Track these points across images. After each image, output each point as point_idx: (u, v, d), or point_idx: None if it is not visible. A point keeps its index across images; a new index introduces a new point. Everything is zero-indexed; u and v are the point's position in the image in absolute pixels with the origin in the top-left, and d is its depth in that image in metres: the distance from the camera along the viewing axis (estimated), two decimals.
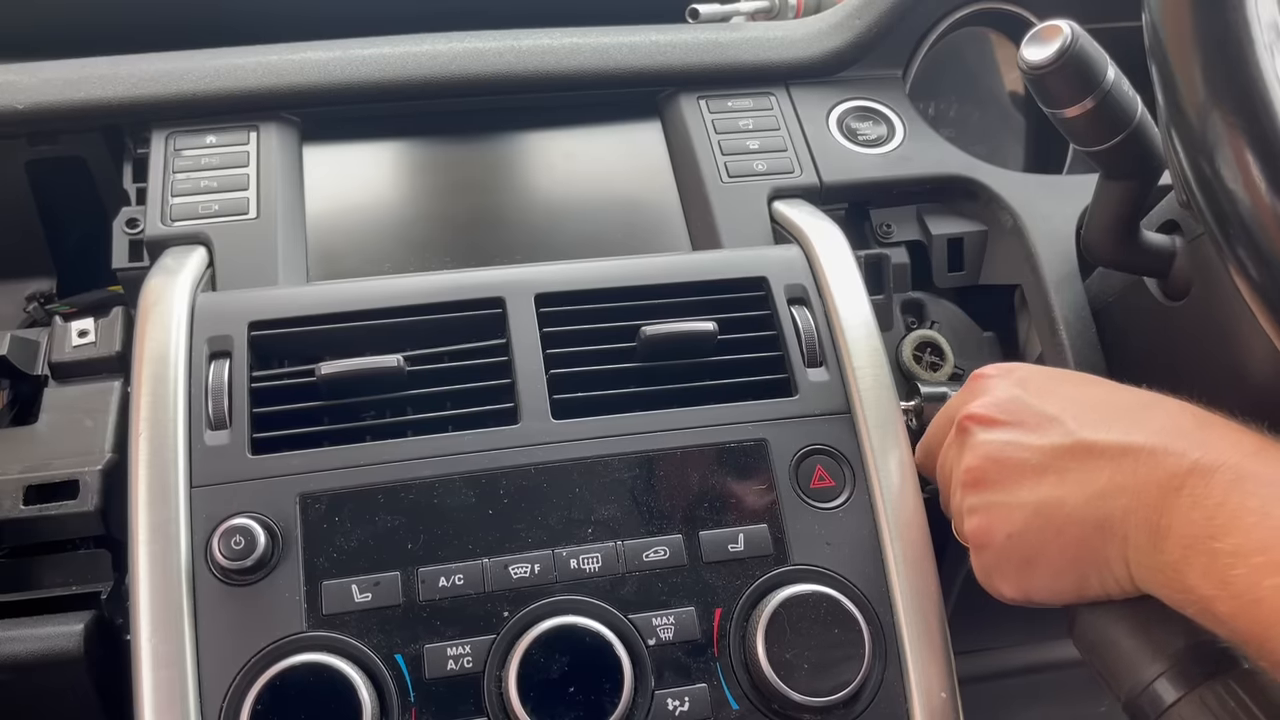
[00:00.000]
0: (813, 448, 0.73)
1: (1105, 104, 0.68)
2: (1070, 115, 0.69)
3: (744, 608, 0.67)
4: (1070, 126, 0.71)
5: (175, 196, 0.85)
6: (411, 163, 0.94)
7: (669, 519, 0.69)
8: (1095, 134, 0.70)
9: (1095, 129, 0.70)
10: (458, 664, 0.64)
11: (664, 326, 0.74)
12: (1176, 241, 0.77)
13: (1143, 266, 0.79)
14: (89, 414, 0.79)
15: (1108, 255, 0.79)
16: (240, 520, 0.65)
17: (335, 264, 0.86)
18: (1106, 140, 0.70)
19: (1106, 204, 0.76)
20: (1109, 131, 0.70)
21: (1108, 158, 0.72)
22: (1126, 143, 0.70)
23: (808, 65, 1.00)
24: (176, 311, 0.73)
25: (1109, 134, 0.70)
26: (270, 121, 0.90)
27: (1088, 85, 0.67)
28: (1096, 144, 0.71)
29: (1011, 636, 1.02)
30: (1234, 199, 0.51)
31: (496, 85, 0.94)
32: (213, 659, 0.62)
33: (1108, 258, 0.79)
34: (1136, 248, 0.77)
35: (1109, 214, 0.76)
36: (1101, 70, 0.67)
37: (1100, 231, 0.77)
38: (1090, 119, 0.69)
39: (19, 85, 0.89)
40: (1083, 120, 0.69)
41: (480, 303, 0.76)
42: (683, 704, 0.65)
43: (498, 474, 0.69)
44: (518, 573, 0.66)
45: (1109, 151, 0.71)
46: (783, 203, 0.90)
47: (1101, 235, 0.77)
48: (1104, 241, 0.77)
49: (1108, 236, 0.77)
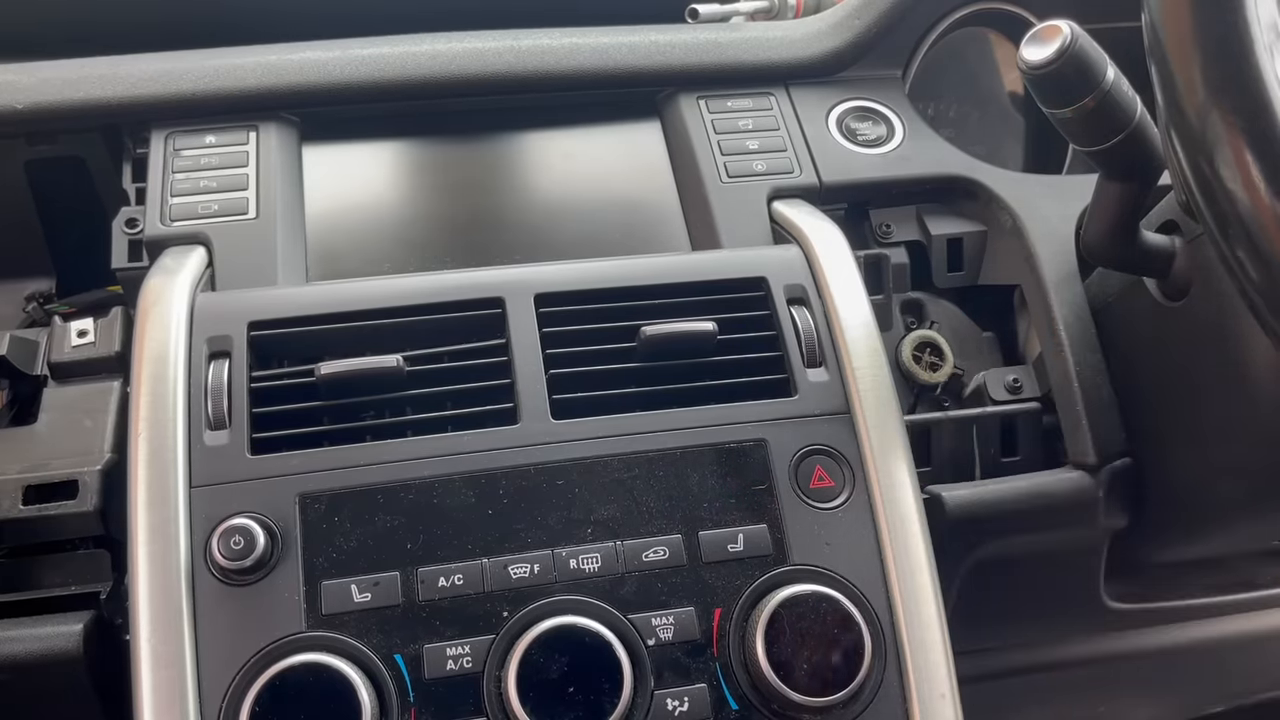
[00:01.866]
0: (812, 448, 0.73)
1: (1105, 104, 0.68)
2: (1069, 115, 0.69)
3: (743, 608, 0.67)
4: (1069, 126, 0.71)
5: (174, 196, 0.85)
6: (411, 163, 0.94)
7: (668, 519, 0.69)
8: (1094, 134, 0.70)
9: (1094, 129, 0.70)
10: (457, 664, 0.64)
11: (664, 326, 0.74)
12: (1176, 242, 0.77)
13: (1142, 267, 0.79)
14: (88, 414, 0.79)
15: (1107, 255, 0.79)
16: (240, 520, 0.65)
17: (335, 264, 0.86)
18: (1106, 140, 0.70)
19: (1106, 204, 0.76)
20: (1108, 131, 0.70)
21: (1107, 158, 0.72)
22: (1126, 143, 0.70)
23: (807, 65, 1.00)
24: (176, 311, 0.73)
25: (1108, 134, 0.70)
26: (270, 121, 0.90)
27: (1087, 85, 0.67)
28: (1096, 144, 0.71)
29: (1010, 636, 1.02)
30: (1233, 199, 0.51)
31: (496, 85, 0.94)
32: (212, 659, 0.62)
33: (1107, 258, 0.79)
34: (1136, 248, 0.77)
35: (1108, 214, 0.76)
36: (1101, 70, 0.67)
37: (1100, 232, 0.77)
38: (1090, 119, 0.69)
39: (18, 85, 0.89)
40: (1082, 120, 0.69)
41: (480, 303, 0.76)
42: (682, 704, 0.65)
43: (497, 474, 0.69)
44: (517, 573, 0.66)
45: (1108, 151, 0.71)
46: (782, 203, 0.90)
47: (1101, 235, 0.77)
48: (1103, 242, 0.77)
49: (1107, 237, 0.77)
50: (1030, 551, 0.89)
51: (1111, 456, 0.85)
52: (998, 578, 0.91)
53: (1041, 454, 0.91)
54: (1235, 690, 1.26)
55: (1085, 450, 0.85)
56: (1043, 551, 0.90)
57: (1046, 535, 0.88)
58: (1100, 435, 0.85)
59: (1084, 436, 0.85)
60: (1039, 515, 0.86)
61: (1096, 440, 0.85)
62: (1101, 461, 0.85)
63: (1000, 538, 0.87)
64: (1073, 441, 0.87)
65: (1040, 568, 0.93)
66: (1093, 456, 0.85)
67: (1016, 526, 0.86)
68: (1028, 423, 0.90)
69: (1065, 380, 0.87)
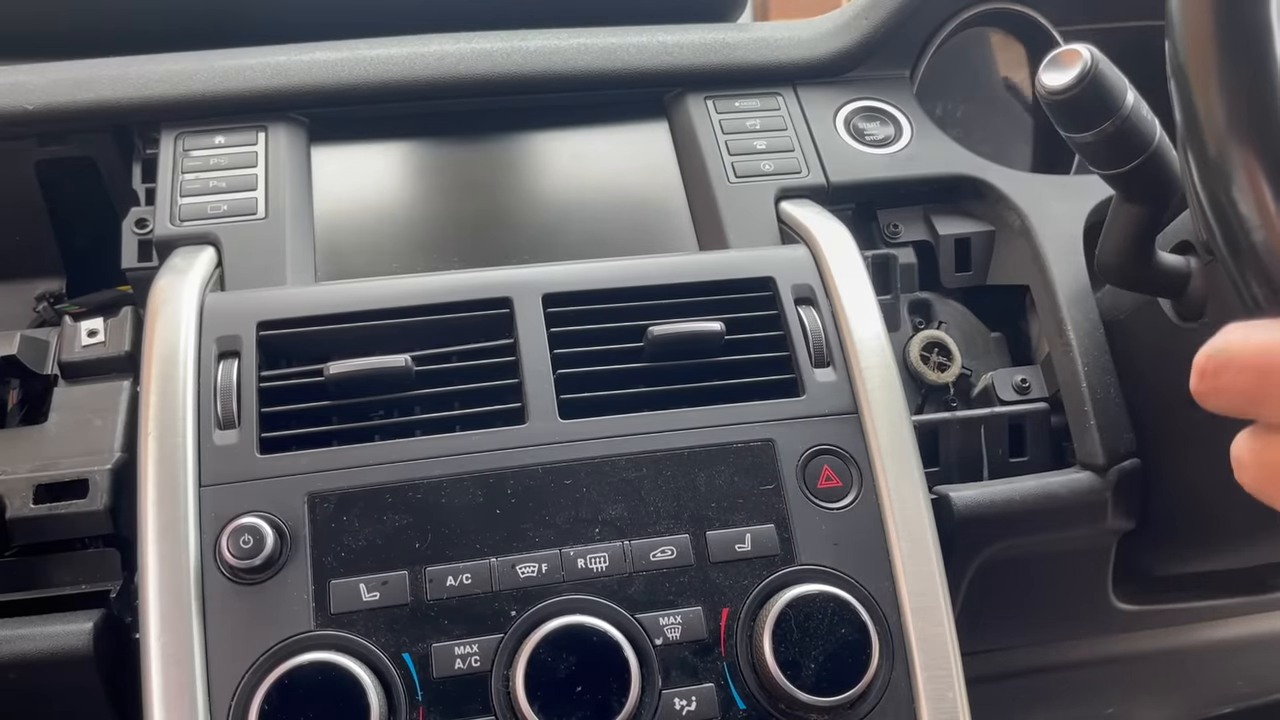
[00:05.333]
0: (820, 448, 0.73)
1: (1124, 129, 0.67)
2: (1089, 140, 0.68)
3: (751, 607, 0.67)
4: (1088, 151, 0.70)
5: (184, 197, 0.85)
6: (419, 163, 0.95)
7: (676, 519, 0.69)
8: (1113, 158, 0.69)
9: (1113, 153, 0.69)
10: (465, 663, 0.64)
11: (671, 326, 0.74)
12: (1191, 262, 0.76)
13: (1157, 287, 0.78)
14: (98, 413, 0.79)
15: (1122, 276, 0.78)
16: (249, 519, 0.65)
17: (343, 264, 0.87)
18: (1124, 164, 0.69)
19: (1122, 226, 0.75)
20: (1127, 156, 0.69)
21: (1125, 181, 0.71)
22: (1144, 166, 0.69)
23: (815, 65, 1.00)
24: (185, 311, 0.73)
25: (1127, 158, 0.69)
26: (279, 122, 0.91)
27: (1107, 110, 0.66)
28: (1114, 168, 0.70)
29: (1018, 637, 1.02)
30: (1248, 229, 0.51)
31: (504, 86, 0.94)
32: (221, 657, 0.63)
33: (1121, 279, 0.78)
34: (1151, 268, 0.76)
35: (1123, 236, 0.75)
36: (1121, 95, 0.66)
37: (1114, 252, 0.76)
38: (1108, 143, 0.68)
39: (29, 86, 0.89)
40: (1101, 145, 0.68)
41: (488, 303, 0.76)
42: (690, 704, 0.65)
43: (505, 474, 0.69)
44: (525, 572, 0.66)
45: (1126, 175, 0.70)
46: (790, 203, 0.90)
47: (1116, 257, 0.76)
48: (1118, 262, 0.76)
49: (1122, 258, 0.76)
50: (1038, 552, 0.89)
51: (1119, 457, 0.85)
52: (1005, 578, 0.90)
53: (1050, 455, 0.91)
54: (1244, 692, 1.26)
55: (1093, 451, 0.85)
56: (1051, 552, 0.90)
57: (1054, 536, 0.88)
58: (1108, 436, 0.85)
59: (1092, 437, 0.85)
60: (1047, 516, 0.85)
61: (1105, 441, 0.85)
62: (1109, 462, 0.85)
63: (1008, 538, 0.86)
64: (1081, 442, 0.87)
65: (1048, 568, 0.92)
66: (1101, 457, 0.85)
67: (1024, 527, 0.86)
68: (1036, 423, 0.90)
69: (1073, 381, 0.87)
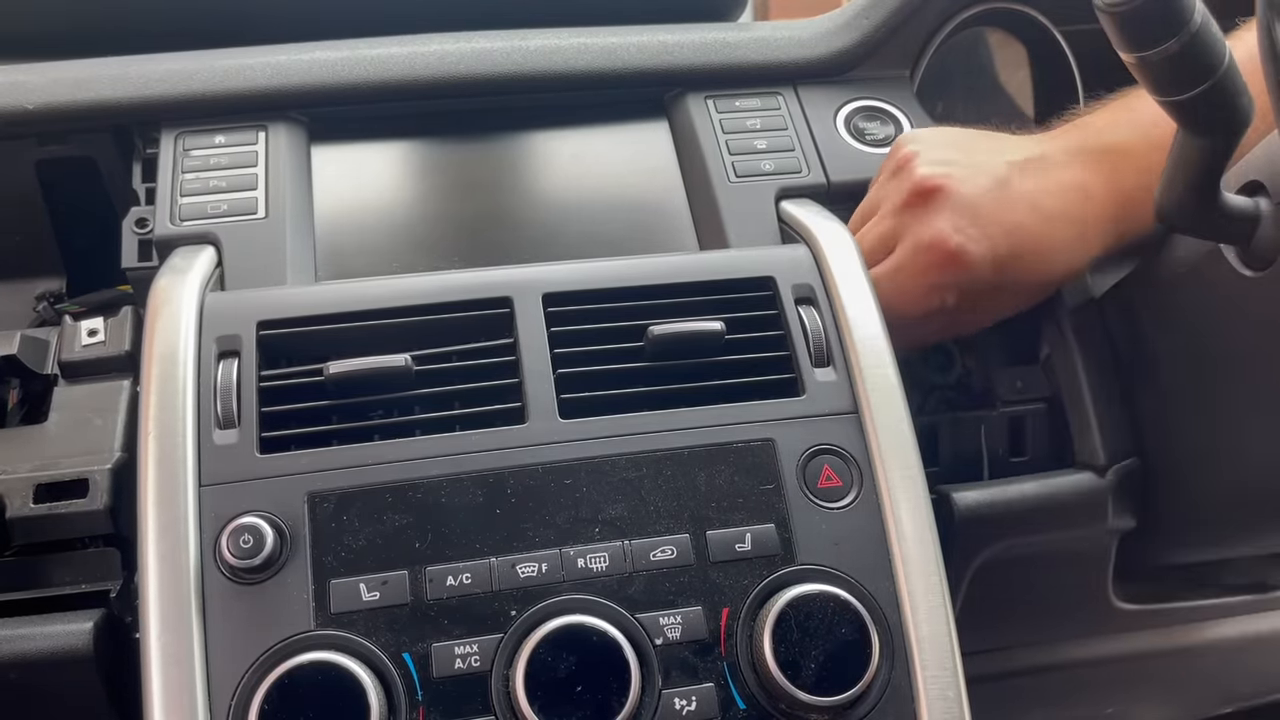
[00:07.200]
0: (820, 447, 0.73)
1: (1191, 46, 0.60)
2: (1152, 59, 0.62)
3: (751, 607, 0.67)
4: (1149, 73, 0.63)
5: (184, 196, 0.85)
6: (419, 163, 0.95)
7: (676, 518, 0.69)
8: (1177, 82, 0.63)
9: (1178, 76, 0.62)
10: (465, 663, 0.64)
11: (671, 326, 0.74)
12: (1261, 204, 0.70)
13: (1223, 231, 0.72)
14: (98, 413, 0.79)
15: (1186, 219, 0.71)
16: (249, 519, 0.65)
17: (343, 264, 0.87)
18: (1189, 89, 0.63)
19: (1185, 162, 0.68)
20: (1193, 79, 0.62)
21: (1190, 108, 0.64)
22: (1211, 92, 0.62)
23: (815, 65, 1.00)
24: (185, 311, 0.73)
25: (1193, 82, 0.62)
26: (279, 121, 0.91)
27: (1172, 26, 0.60)
28: (1178, 93, 0.63)
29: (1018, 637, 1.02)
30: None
31: (504, 85, 0.94)
32: (221, 657, 0.63)
33: (1185, 223, 0.72)
34: (1217, 211, 0.69)
35: (1188, 173, 0.68)
36: (1189, 8, 0.60)
37: (1178, 193, 0.69)
38: (1172, 64, 0.61)
39: (28, 85, 0.89)
40: (1163, 65, 0.62)
41: (488, 302, 0.76)
42: (690, 703, 0.65)
43: (505, 473, 0.69)
44: (525, 572, 0.66)
45: (1191, 101, 0.63)
46: (790, 202, 0.90)
47: (1179, 197, 0.69)
48: (1182, 204, 0.70)
49: (1186, 198, 0.69)
50: (1038, 552, 0.89)
51: (1119, 457, 0.85)
52: (1006, 578, 0.90)
53: (1050, 455, 0.91)
54: (1245, 692, 1.26)
55: (1093, 451, 0.85)
56: (1051, 552, 0.90)
57: (1055, 536, 0.88)
58: (1108, 436, 0.85)
59: (1092, 437, 0.85)
60: (1047, 516, 0.86)
61: (1105, 441, 0.85)
62: (1110, 462, 0.85)
63: (1008, 538, 0.86)
64: (1081, 442, 0.87)
65: (1048, 568, 0.92)
66: (1101, 457, 0.85)
67: (1025, 527, 0.86)
68: (1036, 423, 0.90)
69: (1073, 381, 0.87)
